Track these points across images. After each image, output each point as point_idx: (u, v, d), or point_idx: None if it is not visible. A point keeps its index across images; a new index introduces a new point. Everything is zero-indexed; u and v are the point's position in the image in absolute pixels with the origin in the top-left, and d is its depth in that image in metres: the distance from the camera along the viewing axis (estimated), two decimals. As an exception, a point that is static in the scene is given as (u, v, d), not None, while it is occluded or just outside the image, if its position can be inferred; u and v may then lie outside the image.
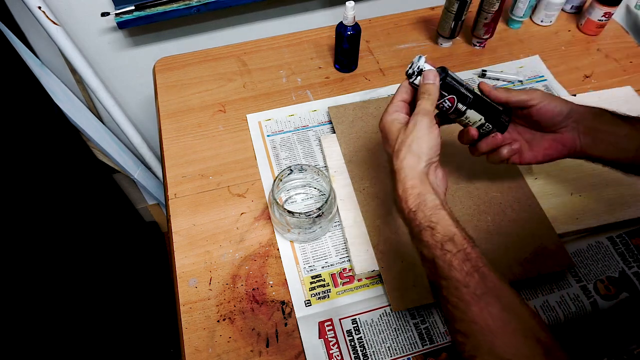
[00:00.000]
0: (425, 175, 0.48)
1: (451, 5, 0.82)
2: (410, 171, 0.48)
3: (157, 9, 0.91)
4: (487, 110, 0.54)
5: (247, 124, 0.80)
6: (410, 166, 0.48)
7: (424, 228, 0.45)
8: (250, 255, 0.65)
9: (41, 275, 0.84)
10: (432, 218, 0.45)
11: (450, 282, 0.42)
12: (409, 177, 0.48)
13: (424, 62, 0.52)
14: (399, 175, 0.48)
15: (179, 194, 0.71)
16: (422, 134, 0.48)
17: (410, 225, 0.47)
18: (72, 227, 0.98)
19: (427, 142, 0.48)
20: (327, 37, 0.93)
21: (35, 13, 0.85)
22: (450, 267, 0.42)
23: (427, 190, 0.47)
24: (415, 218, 0.46)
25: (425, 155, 0.48)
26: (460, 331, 0.41)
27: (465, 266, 0.42)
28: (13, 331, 0.76)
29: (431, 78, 0.51)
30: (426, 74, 0.51)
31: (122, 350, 1.11)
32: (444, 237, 0.44)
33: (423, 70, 0.52)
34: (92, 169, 1.14)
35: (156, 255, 1.46)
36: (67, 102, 1.01)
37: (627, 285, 0.61)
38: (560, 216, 0.66)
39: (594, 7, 0.88)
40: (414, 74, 0.52)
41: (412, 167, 0.48)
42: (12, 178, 0.80)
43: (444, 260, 0.43)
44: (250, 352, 0.57)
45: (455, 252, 0.43)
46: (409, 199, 0.47)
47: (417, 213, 0.46)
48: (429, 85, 0.51)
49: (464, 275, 0.41)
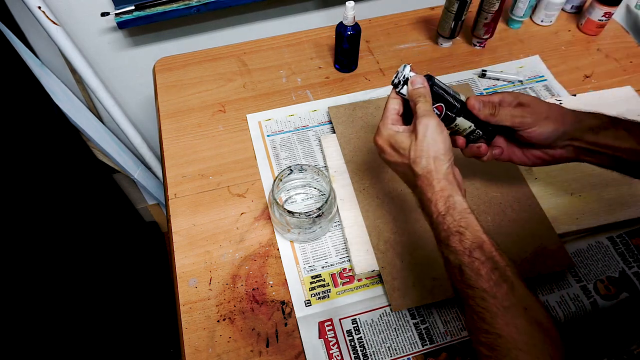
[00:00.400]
0: (451, 175, 0.47)
1: (451, 5, 0.82)
2: (436, 174, 0.47)
3: (157, 9, 0.91)
4: (477, 118, 0.54)
5: (247, 124, 0.80)
6: (436, 169, 0.47)
7: (452, 233, 0.44)
8: (250, 255, 0.65)
9: (41, 275, 0.84)
10: (461, 223, 0.44)
11: (477, 291, 0.41)
12: (436, 181, 0.47)
13: (409, 70, 0.52)
14: (425, 180, 0.47)
15: (179, 194, 0.71)
16: (436, 135, 0.48)
17: (437, 229, 0.46)
18: (72, 227, 0.98)
19: (443, 141, 0.48)
20: (327, 37, 0.93)
21: (35, 13, 0.85)
22: (478, 276, 0.41)
23: (456, 191, 0.46)
24: (444, 222, 0.45)
25: (445, 155, 0.48)
26: (486, 343, 0.39)
27: (494, 275, 0.41)
28: (13, 331, 0.76)
29: (420, 82, 0.51)
30: (414, 79, 0.51)
31: (122, 350, 1.11)
32: (472, 243, 0.43)
33: (409, 78, 0.51)
34: (92, 169, 1.14)
35: (156, 255, 1.46)
36: (67, 102, 1.01)
37: (627, 285, 0.61)
38: (560, 216, 0.66)
39: (594, 7, 0.88)
40: (400, 82, 0.52)
41: (438, 170, 0.47)
42: (12, 178, 0.80)
43: (471, 268, 0.41)
44: (250, 352, 0.57)
45: (483, 260, 0.42)
46: (438, 202, 0.46)
47: (445, 217, 0.45)
48: (420, 89, 0.51)
49: (491, 285, 0.40)
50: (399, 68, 0.52)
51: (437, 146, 0.48)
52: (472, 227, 0.44)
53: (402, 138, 0.50)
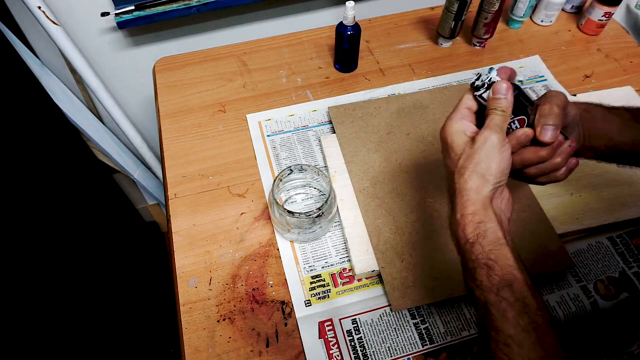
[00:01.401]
0: (489, 201, 0.42)
1: (451, 5, 0.82)
2: (473, 194, 0.42)
3: (157, 9, 0.91)
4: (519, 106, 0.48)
5: (247, 124, 0.80)
6: (474, 189, 0.42)
7: (479, 265, 0.39)
8: (250, 255, 0.65)
9: (41, 275, 0.84)
10: (490, 255, 0.39)
11: (501, 335, 0.36)
12: (470, 202, 0.42)
13: (495, 74, 0.46)
14: (460, 197, 0.43)
15: (179, 194, 0.71)
16: (493, 153, 0.42)
17: (464, 257, 0.42)
18: (72, 227, 0.98)
19: (498, 162, 0.42)
20: (327, 37, 0.93)
21: (35, 13, 0.85)
22: (503, 319, 0.37)
23: (489, 218, 0.41)
24: (472, 251, 0.40)
25: (493, 177, 0.42)
26: None
27: (522, 321, 0.36)
28: (13, 331, 0.76)
29: (503, 92, 0.44)
30: (498, 86, 0.45)
31: (122, 350, 1.11)
32: (501, 280, 0.38)
33: (494, 82, 0.45)
34: (92, 169, 1.14)
35: (156, 255, 1.46)
36: (67, 102, 1.01)
37: (627, 285, 0.61)
38: (560, 216, 0.66)
39: (594, 7, 0.88)
40: (483, 86, 0.46)
41: (476, 190, 0.42)
42: (12, 178, 0.80)
43: (497, 309, 0.37)
44: (250, 352, 0.57)
45: (512, 301, 0.37)
46: (467, 227, 0.41)
47: (474, 245, 0.40)
48: (502, 100, 0.44)
49: (519, 331, 0.36)
50: (482, 70, 0.46)
51: (488, 163, 0.42)
52: (503, 261, 0.39)
53: (459, 141, 0.45)
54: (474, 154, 0.43)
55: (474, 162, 0.43)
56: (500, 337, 0.36)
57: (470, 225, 0.41)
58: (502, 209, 0.43)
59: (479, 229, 0.41)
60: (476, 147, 0.43)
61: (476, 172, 0.43)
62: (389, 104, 0.79)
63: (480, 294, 0.39)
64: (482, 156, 0.43)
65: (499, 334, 0.37)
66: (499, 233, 0.41)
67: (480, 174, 0.42)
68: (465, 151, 0.44)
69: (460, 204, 0.43)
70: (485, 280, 0.39)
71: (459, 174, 0.44)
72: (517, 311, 0.37)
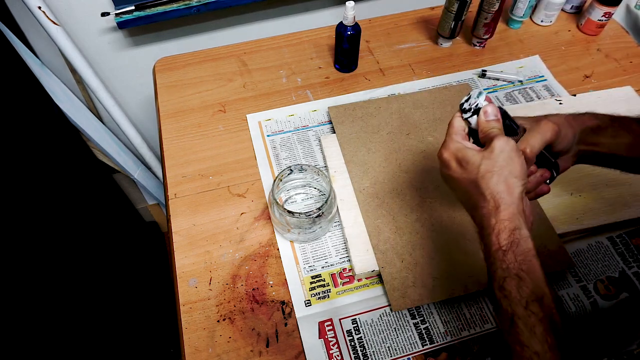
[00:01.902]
0: (521, 202, 0.42)
1: (451, 5, 0.82)
2: (507, 197, 0.41)
3: (157, 9, 0.91)
4: (543, 159, 0.51)
5: (247, 124, 0.80)
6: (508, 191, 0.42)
7: (510, 275, 0.39)
8: (250, 255, 0.65)
9: (41, 275, 0.84)
10: (522, 266, 0.39)
11: (527, 351, 0.36)
12: (504, 205, 0.41)
13: (483, 99, 0.47)
14: (491, 202, 0.42)
15: (179, 194, 0.71)
16: (514, 156, 0.43)
17: (494, 264, 0.40)
18: (72, 227, 0.98)
19: (520, 164, 0.43)
20: (327, 37, 0.93)
21: (35, 13, 0.85)
22: (532, 334, 0.36)
23: (522, 224, 0.41)
24: (504, 260, 0.39)
25: (520, 178, 0.43)
26: None
27: (549, 338, 0.36)
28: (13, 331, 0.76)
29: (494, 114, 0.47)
30: (487, 110, 0.47)
31: (122, 350, 1.11)
32: (532, 294, 0.37)
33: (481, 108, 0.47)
34: (92, 169, 1.14)
35: (156, 255, 1.46)
36: (67, 102, 1.01)
37: (627, 285, 0.61)
38: (560, 216, 0.66)
39: (594, 7, 0.88)
40: (470, 110, 0.48)
41: (510, 192, 0.42)
42: (12, 178, 0.80)
43: (525, 323, 0.36)
44: (250, 352, 0.57)
45: (541, 317, 0.36)
46: (502, 233, 0.40)
47: (507, 254, 0.39)
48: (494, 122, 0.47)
49: (546, 349, 0.35)
50: (472, 92, 0.48)
51: (513, 166, 0.42)
52: (534, 274, 0.38)
53: (471, 153, 0.45)
54: (497, 158, 0.43)
55: (498, 165, 0.43)
56: (526, 352, 0.36)
57: (505, 231, 0.40)
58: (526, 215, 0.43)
59: (514, 236, 0.40)
60: (496, 151, 0.44)
61: (504, 175, 0.43)
62: (389, 104, 0.79)
63: (507, 304, 0.38)
64: (505, 158, 0.43)
65: (524, 349, 0.36)
66: (531, 244, 0.40)
67: (508, 176, 0.42)
68: (484, 160, 0.44)
69: (493, 209, 0.42)
70: (514, 292, 0.38)
71: (484, 179, 0.43)
72: (545, 327, 0.36)
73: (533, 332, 0.36)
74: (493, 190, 0.42)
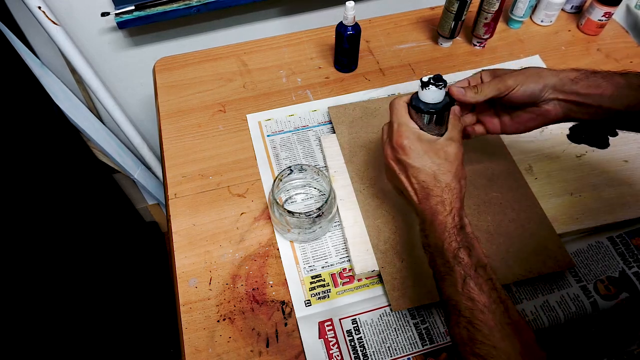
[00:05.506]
0: (463, 188, 0.51)
1: (451, 5, 0.82)
2: (464, 184, 0.51)
3: (157, 9, 0.91)
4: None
5: (247, 124, 0.80)
6: (465, 177, 0.52)
7: (464, 246, 0.46)
8: (250, 255, 0.65)
9: (41, 275, 0.84)
10: (470, 241, 0.47)
11: (478, 304, 0.43)
12: (462, 192, 0.50)
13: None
14: (454, 189, 0.49)
15: (179, 194, 0.71)
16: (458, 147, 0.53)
17: (448, 238, 0.47)
18: (72, 227, 0.98)
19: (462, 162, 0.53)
20: (327, 37, 0.93)
21: (35, 13, 0.85)
22: (481, 291, 0.44)
23: (463, 211, 0.49)
24: (459, 234, 0.47)
25: (463, 177, 0.52)
26: (479, 354, 0.41)
27: (493, 294, 0.44)
28: (13, 331, 0.76)
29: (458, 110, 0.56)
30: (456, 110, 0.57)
31: (122, 350, 1.11)
32: (479, 260, 0.46)
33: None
34: (92, 169, 1.14)
35: (156, 255, 1.46)
36: (67, 102, 1.01)
37: (627, 285, 0.61)
38: (560, 216, 0.66)
39: (594, 7, 0.88)
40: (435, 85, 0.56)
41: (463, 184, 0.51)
42: (12, 178, 0.80)
43: (476, 282, 0.44)
44: (250, 352, 0.57)
45: (486, 278, 0.44)
46: (458, 213, 0.48)
47: (461, 230, 0.47)
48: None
49: (491, 302, 0.43)
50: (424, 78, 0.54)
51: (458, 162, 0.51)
52: (478, 247, 0.47)
53: (429, 136, 0.52)
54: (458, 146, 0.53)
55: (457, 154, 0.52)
56: (477, 306, 0.43)
57: (460, 213, 0.48)
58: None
59: (464, 218, 0.49)
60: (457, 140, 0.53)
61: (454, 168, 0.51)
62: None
63: (460, 269, 0.45)
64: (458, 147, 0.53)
65: (475, 303, 0.43)
66: (469, 226, 0.49)
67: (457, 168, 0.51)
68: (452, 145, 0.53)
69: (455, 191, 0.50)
70: (466, 259, 0.45)
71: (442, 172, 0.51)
72: (490, 287, 0.44)
73: (482, 290, 0.44)
74: (457, 175, 0.50)
